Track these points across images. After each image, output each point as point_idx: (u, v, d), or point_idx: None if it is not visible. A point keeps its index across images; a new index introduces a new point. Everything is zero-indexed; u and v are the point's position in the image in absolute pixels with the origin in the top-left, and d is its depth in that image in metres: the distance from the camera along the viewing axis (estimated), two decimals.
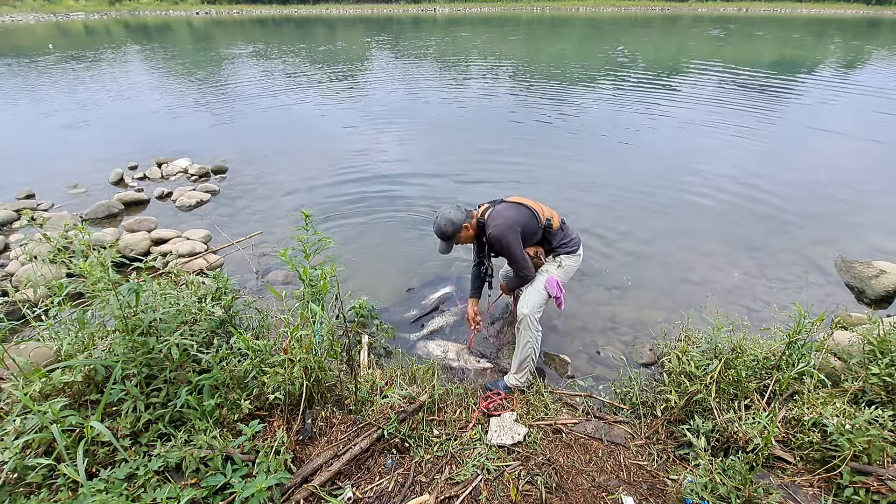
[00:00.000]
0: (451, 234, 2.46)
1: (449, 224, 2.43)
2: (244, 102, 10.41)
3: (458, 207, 2.50)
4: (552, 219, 2.57)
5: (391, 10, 64.25)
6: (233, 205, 5.29)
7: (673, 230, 4.67)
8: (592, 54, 19.01)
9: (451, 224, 2.43)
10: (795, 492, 1.73)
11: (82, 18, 50.45)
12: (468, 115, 9.32)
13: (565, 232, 2.65)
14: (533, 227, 2.51)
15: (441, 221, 2.45)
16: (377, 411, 2.09)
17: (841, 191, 5.51)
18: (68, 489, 1.52)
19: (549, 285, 2.52)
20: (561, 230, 2.62)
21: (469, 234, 2.53)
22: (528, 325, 2.50)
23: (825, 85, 12.00)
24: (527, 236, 2.51)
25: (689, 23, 39.26)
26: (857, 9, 61.14)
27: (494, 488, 1.83)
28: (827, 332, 2.42)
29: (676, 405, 2.12)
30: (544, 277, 2.57)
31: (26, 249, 2.52)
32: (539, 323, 2.54)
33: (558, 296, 2.55)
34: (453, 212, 2.46)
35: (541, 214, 2.53)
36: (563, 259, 2.61)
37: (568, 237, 2.64)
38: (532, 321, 2.50)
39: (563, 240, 2.62)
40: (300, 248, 2.02)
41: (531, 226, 2.50)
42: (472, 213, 2.55)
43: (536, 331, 2.52)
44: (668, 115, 8.93)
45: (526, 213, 2.49)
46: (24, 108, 9.98)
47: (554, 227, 2.58)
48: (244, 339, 1.89)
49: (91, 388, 1.87)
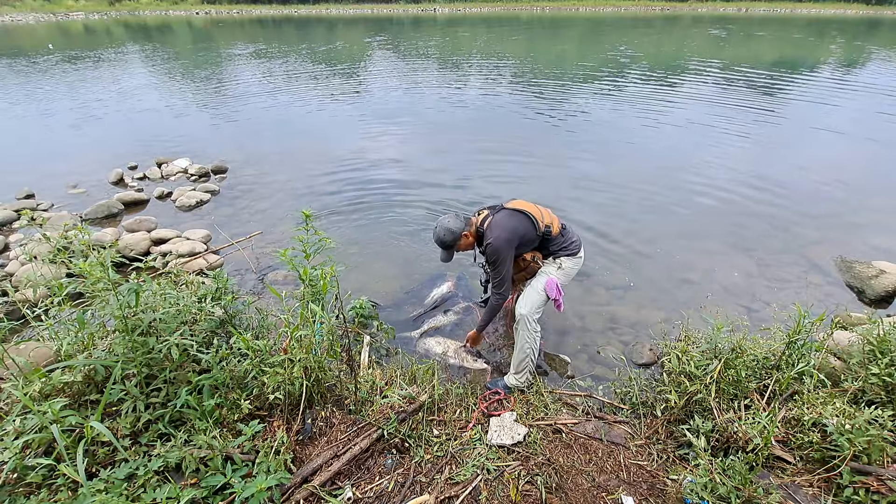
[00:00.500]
0: (451, 243, 2.48)
1: (448, 233, 2.46)
2: (244, 102, 10.41)
3: (456, 215, 2.52)
4: (552, 225, 2.55)
5: (391, 9, 64.25)
6: (233, 205, 5.29)
7: (673, 230, 4.67)
8: (593, 54, 19.02)
9: (449, 233, 2.46)
10: (795, 492, 1.73)
11: (82, 18, 50.46)
12: (469, 114, 9.32)
13: (565, 237, 2.62)
14: (531, 234, 2.49)
15: (440, 231, 2.48)
16: (377, 411, 2.09)
17: (841, 191, 5.51)
18: (68, 489, 1.52)
19: (549, 287, 2.52)
20: (561, 235, 2.60)
21: (468, 241, 2.55)
22: (525, 325, 2.49)
23: (825, 85, 12.00)
24: (525, 243, 2.51)
25: (690, 23, 39.25)
26: (857, 9, 61.13)
27: (494, 488, 1.83)
28: (827, 332, 2.42)
29: (676, 405, 2.12)
30: (544, 279, 2.56)
31: (26, 249, 2.52)
32: (538, 323, 2.53)
33: (557, 298, 2.54)
34: (452, 221, 2.48)
35: (540, 221, 2.50)
36: (564, 261, 2.60)
37: (568, 241, 2.62)
38: (530, 321, 2.49)
39: (562, 244, 2.60)
40: (300, 248, 2.02)
41: (530, 234, 2.49)
42: (471, 221, 2.55)
43: (535, 331, 2.51)
44: (668, 115, 8.93)
45: (525, 221, 2.48)
46: (24, 108, 9.98)
47: (553, 233, 2.55)
48: (244, 339, 1.89)
49: (91, 388, 1.88)
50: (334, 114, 9.41)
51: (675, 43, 23.83)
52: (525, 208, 2.50)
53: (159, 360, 1.84)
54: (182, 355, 1.82)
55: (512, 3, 69.53)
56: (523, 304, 2.53)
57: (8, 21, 45.38)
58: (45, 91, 11.57)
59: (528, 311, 2.49)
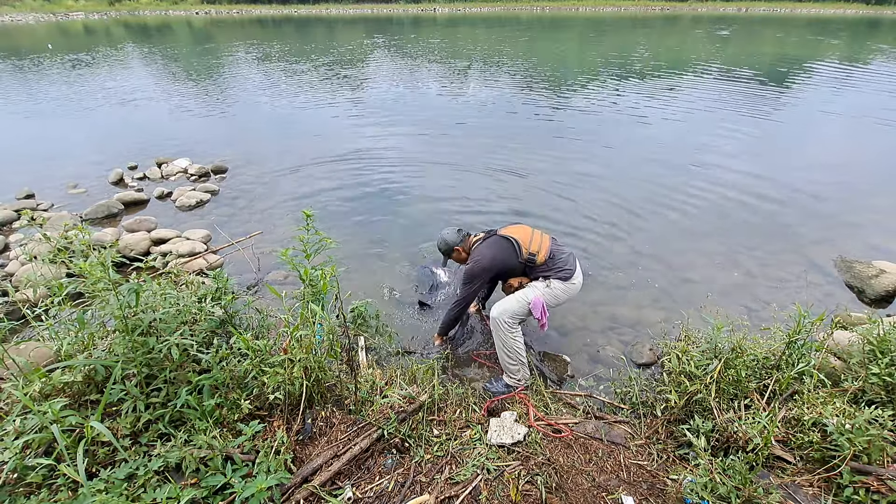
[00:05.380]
0: (446, 252, 2.84)
1: (444, 244, 2.81)
2: (244, 102, 10.42)
3: (458, 231, 2.81)
4: (537, 253, 2.57)
5: (391, 10, 64.25)
6: (233, 205, 5.29)
7: (673, 230, 4.67)
8: (594, 54, 19.02)
9: (445, 244, 2.80)
10: (795, 491, 1.73)
11: (82, 18, 50.45)
12: (469, 114, 9.32)
13: (551, 264, 2.60)
14: (512, 261, 2.60)
15: (439, 240, 2.83)
16: (377, 411, 2.09)
17: (841, 191, 5.51)
18: (68, 489, 1.52)
19: (535, 305, 2.50)
20: (546, 264, 2.59)
21: (461, 256, 2.82)
22: (497, 325, 2.51)
23: (826, 85, 12.00)
24: (507, 270, 2.66)
25: (690, 23, 39.24)
26: (857, 9, 61.12)
27: (494, 488, 1.83)
28: (827, 331, 2.42)
29: (676, 405, 2.12)
30: (531, 293, 2.55)
31: (26, 249, 2.52)
32: (514, 321, 2.51)
33: (540, 317, 2.52)
34: (451, 234, 2.79)
35: (524, 248, 2.56)
36: (554, 282, 2.58)
37: (557, 267, 2.59)
38: (501, 322, 2.49)
39: (546, 271, 2.60)
40: (301, 248, 2.02)
41: (510, 261, 2.60)
42: (468, 239, 2.83)
43: (509, 328, 2.50)
44: (668, 115, 8.94)
45: (507, 249, 2.59)
46: (24, 108, 9.98)
47: (538, 262, 2.57)
48: (244, 339, 1.89)
49: (91, 388, 1.87)
50: (334, 113, 9.41)
51: (681, 43, 23.83)
52: (513, 235, 2.61)
53: (159, 360, 1.84)
54: (182, 355, 1.82)
55: (512, 3, 69.52)
56: (497, 306, 2.54)
57: (8, 21, 45.37)
58: (45, 91, 11.57)
59: (498, 314, 2.51)
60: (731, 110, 9.21)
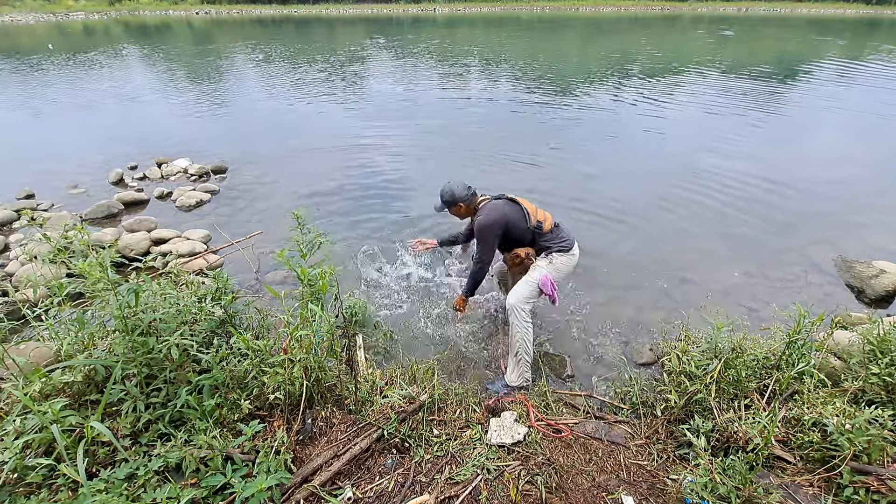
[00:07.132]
0: (447, 201, 2.76)
1: (449, 193, 2.73)
2: (244, 102, 10.41)
3: (467, 187, 2.74)
4: (544, 221, 2.67)
5: (391, 9, 64.22)
6: (233, 205, 5.29)
7: (673, 230, 4.67)
8: (595, 54, 19.01)
9: (451, 195, 2.73)
10: (795, 491, 1.73)
11: (82, 18, 50.40)
12: (470, 114, 9.32)
13: (556, 234, 2.70)
14: (521, 225, 2.64)
15: (446, 188, 2.75)
16: (377, 411, 2.09)
17: (841, 190, 5.51)
18: (68, 489, 1.52)
19: (543, 283, 2.57)
20: (552, 232, 2.69)
21: (461, 211, 2.79)
22: (515, 314, 2.56)
23: (826, 84, 12.00)
24: (516, 236, 2.66)
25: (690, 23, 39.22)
26: (856, 8, 61.08)
27: (494, 488, 1.83)
28: (827, 331, 2.42)
29: (676, 405, 2.12)
30: (537, 273, 2.62)
31: (26, 249, 2.52)
32: (529, 315, 2.58)
33: (551, 293, 2.57)
34: (460, 188, 2.72)
35: (532, 216, 2.64)
36: (555, 256, 2.66)
37: (560, 238, 2.70)
38: (519, 311, 2.55)
39: (553, 240, 2.69)
40: (296, 248, 2.02)
41: (519, 224, 2.63)
42: (474, 199, 2.76)
43: (525, 321, 2.56)
44: (668, 115, 8.94)
45: (517, 211, 2.64)
46: (24, 107, 9.98)
47: (544, 230, 2.66)
48: (244, 339, 1.89)
49: (91, 388, 1.87)
50: (334, 114, 9.41)
51: (678, 43, 23.82)
52: (520, 202, 2.68)
53: (159, 360, 1.84)
54: (182, 355, 1.82)
55: (512, 3, 69.49)
56: (512, 294, 2.60)
57: (8, 21, 45.36)
58: (45, 91, 11.57)
59: (515, 301, 2.56)
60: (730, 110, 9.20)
